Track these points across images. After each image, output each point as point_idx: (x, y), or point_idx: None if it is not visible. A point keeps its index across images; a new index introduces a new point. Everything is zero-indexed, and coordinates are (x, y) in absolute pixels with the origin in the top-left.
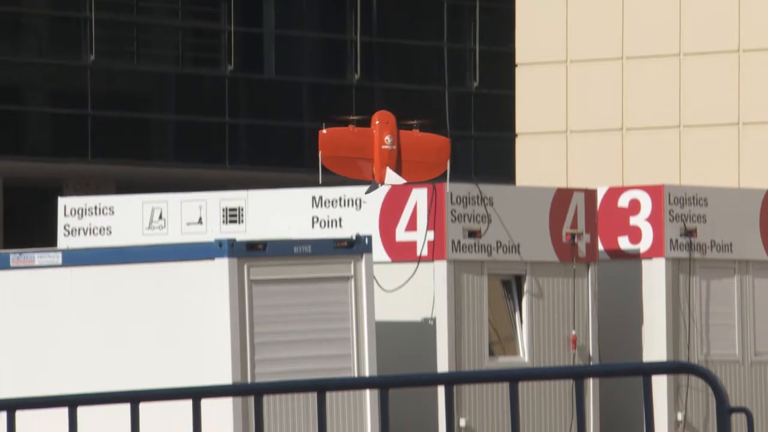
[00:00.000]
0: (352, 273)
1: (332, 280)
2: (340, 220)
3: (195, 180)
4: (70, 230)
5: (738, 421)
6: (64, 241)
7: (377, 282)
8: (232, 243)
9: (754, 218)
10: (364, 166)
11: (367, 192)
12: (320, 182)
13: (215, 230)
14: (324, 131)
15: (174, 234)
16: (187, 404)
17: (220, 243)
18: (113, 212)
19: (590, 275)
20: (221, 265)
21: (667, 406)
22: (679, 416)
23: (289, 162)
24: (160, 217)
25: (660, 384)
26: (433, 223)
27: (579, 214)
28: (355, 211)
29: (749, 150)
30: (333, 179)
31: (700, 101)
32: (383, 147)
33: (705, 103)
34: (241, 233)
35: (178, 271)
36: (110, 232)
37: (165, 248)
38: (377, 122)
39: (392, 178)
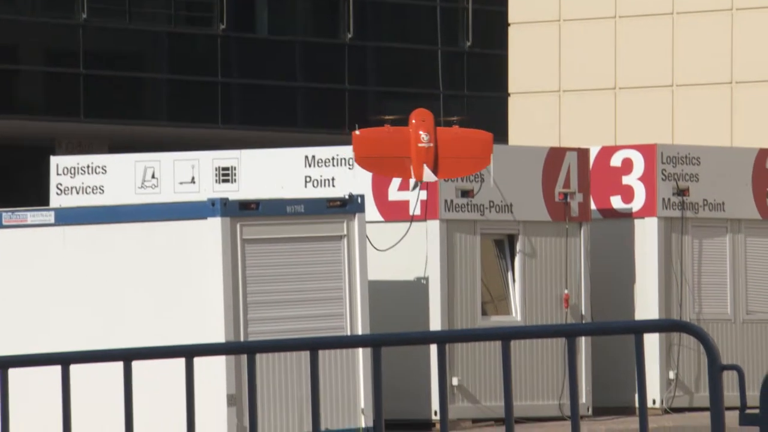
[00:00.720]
0: (345, 232)
1: (325, 239)
2: (332, 179)
3: (188, 139)
4: (62, 189)
5: (729, 379)
6: (56, 200)
7: (370, 241)
8: (224, 202)
9: (746, 177)
10: (401, 165)
11: (412, 189)
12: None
13: (208, 189)
14: (357, 132)
15: (167, 193)
16: (180, 362)
17: (212, 202)
18: (106, 171)
19: (583, 234)
20: (214, 225)
21: (659, 364)
22: (671, 374)
23: (282, 121)
24: (153, 176)
25: (652, 342)
26: (426, 182)
27: (572, 173)
28: (347, 171)
29: (742, 109)
30: (325, 138)
31: (693, 60)
32: (419, 145)
33: (698, 62)
34: (233, 192)
35: (171, 231)
36: (103, 191)
37: (158, 207)
38: (413, 120)
39: (428, 175)
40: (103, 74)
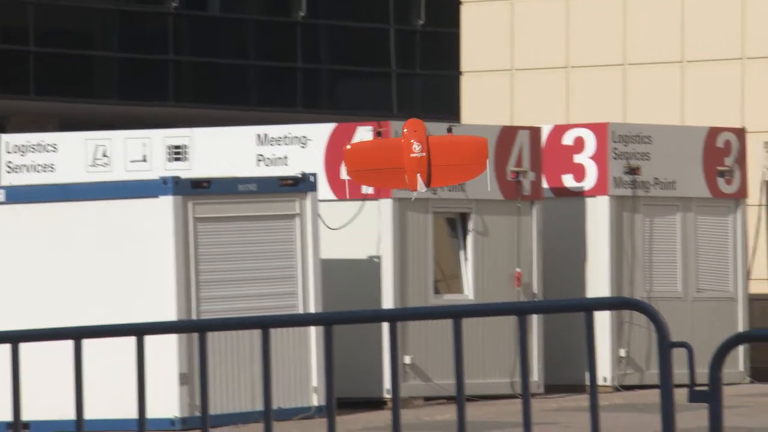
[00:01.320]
0: (298, 211)
1: (277, 218)
2: (285, 157)
3: (139, 117)
4: (12, 167)
5: (679, 356)
6: (6, 179)
7: (322, 220)
8: (176, 181)
9: (697, 156)
10: (395, 176)
11: (414, 200)
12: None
13: (159, 168)
14: (348, 147)
15: (118, 172)
16: (132, 341)
17: (164, 181)
18: (56, 149)
19: (535, 213)
20: (165, 203)
21: (610, 342)
22: (622, 352)
23: (234, 100)
24: (104, 154)
25: (603, 320)
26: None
27: (524, 152)
28: (300, 149)
29: (693, 87)
30: (278, 117)
31: (644, 39)
32: (412, 155)
33: (648, 41)
34: (185, 171)
35: (122, 209)
36: (53, 170)
37: (109, 186)
38: (405, 131)
39: (421, 185)
40: (54, 52)
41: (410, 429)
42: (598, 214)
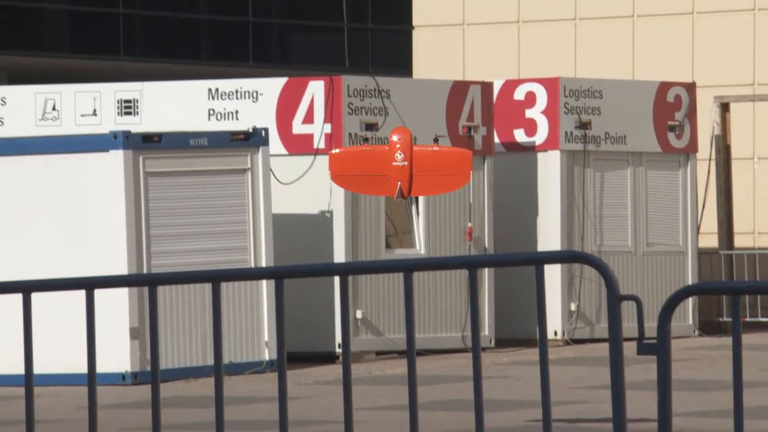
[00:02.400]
0: (249, 165)
1: (229, 172)
2: (236, 112)
3: (89, 71)
4: None
5: (629, 310)
6: None
7: (274, 175)
8: (127, 135)
9: (647, 111)
10: (378, 183)
11: (396, 199)
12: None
13: (110, 122)
14: (334, 152)
15: (68, 126)
16: (82, 295)
17: (114, 135)
18: (5, 103)
19: (486, 168)
20: (116, 158)
21: (560, 296)
22: (573, 306)
23: (186, 54)
24: (54, 108)
25: (554, 275)
26: (330, 115)
27: (475, 107)
28: (251, 104)
29: (643, 42)
30: (229, 71)
31: None
32: (394, 163)
33: None
34: (136, 125)
35: (73, 163)
36: (2, 123)
37: (59, 140)
38: (392, 139)
39: (397, 194)
40: (3, 4)
41: (362, 383)
42: (549, 168)
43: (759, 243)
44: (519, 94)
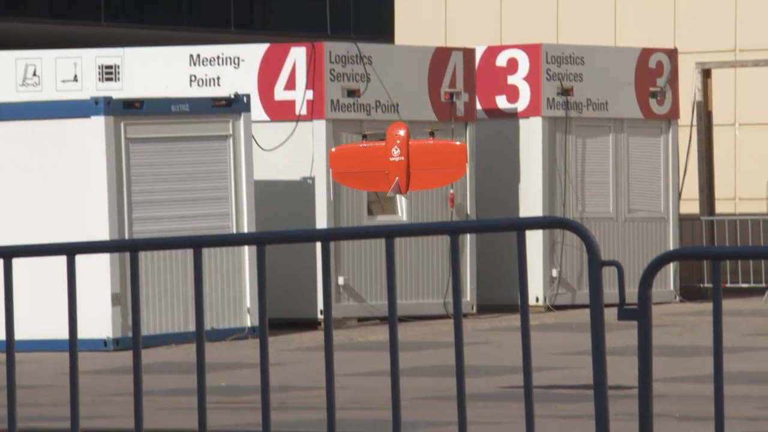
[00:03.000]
0: (231, 132)
1: (210, 138)
2: (218, 78)
3: (70, 37)
4: None
5: (610, 276)
6: None
7: (256, 141)
8: (108, 101)
9: (629, 77)
10: (378, 179)
11: (390, 193)
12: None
13: (91, 88)
14: (333, 149)
15: (48, 92)
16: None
17: (96, 101)
18: None
19: (468, 134)
20: (97, 124)
21: (542, 262)
22: (554, 272)
23: (167, 20)
24: (34, 74)
25: (536, 241)
26: (312, 82)
27: (457, 73)
28: (233, 70)
29: (625, 8)
30: (210, 37)
31: None
32: (391, 159)
33: None
34: (117, 91)
35: (54, 129)
36: None
37: (40, 106)
38: (390, 134)
39: (393, 188)
40: None
41: (343, 350)
42: (531, 135)
43: (740, 209)
44: (501, 60)
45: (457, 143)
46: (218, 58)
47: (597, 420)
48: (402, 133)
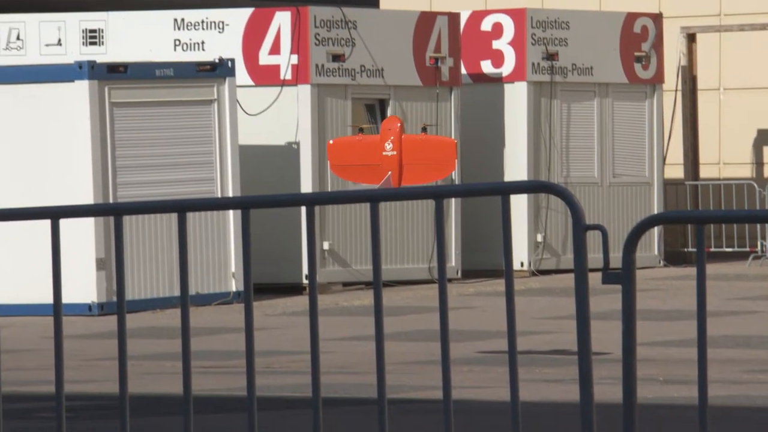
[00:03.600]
0: (215, 96)
1: (195, 103)
2: (202, 43)
3: (54, 0)
4: None
5: (594, 241)
6: None
7: (240, 106)
8: (92, 65)
9: (614, 42)
10: (373, 172)
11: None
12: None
13: (75, 52)
14: (331, 142)
15: (32, 55)
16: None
17: (80, 65)
18: None
19: (453, 99)
20: (81, 88)
21: (527, 227)
22: (539, 237)
23: None
24: (18, 37)
25: (520, 206)
26: (297, 46)
27: (442, 38)
28: (217, 34)
29: None
30: (195, 1)
31: None
32: (384, 153)
33: None
34: (101, 55)
35: (37, 93)
36: None
37: (24, 70)
38: (384, 128)
39: (386, 182)
40: None
41: (328, 314)
42: (516, 100)
43: (724, 174)
44: (486, 25)
45: (448, 139)
46: (203, 22)
47: (581, 384)
48: (395, 127)
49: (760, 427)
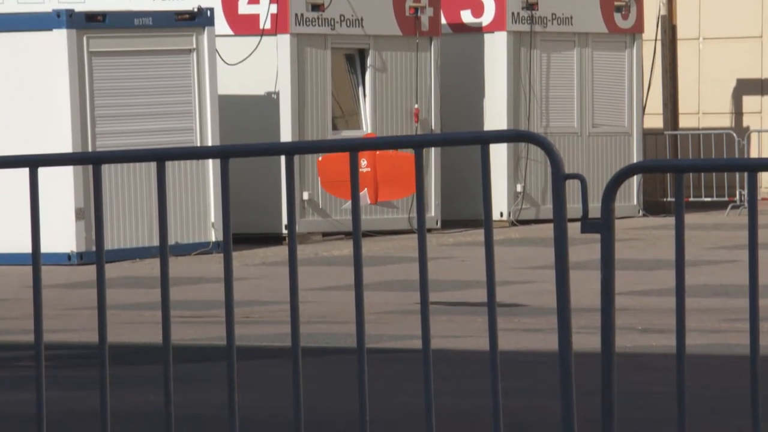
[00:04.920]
0: (195, 46)
1: (174, 53)
2: None
3: None
4: None
5: (574, 191)
6: None
7: (219, 55)
8: (70, 13)
9: None
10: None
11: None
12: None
13: (53, 1)
14: (320, 158)
15: (9, 3)
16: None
17: (57, 13)
18: None
19: (433, 49)
20: (59, 37)
21: (506, 177)
22: (519, 187)
23: None
24: None
25: (500, 156)
26: None
27: None
28: None
29: None
30: None
31: None
32: (361, 170)
33: None
34: (79, 4)
35: (15, 42)
36: None
37: (0, 18)
38: None
39: (363, 198)
40: None
41: (308, 264)
42: (496, 49)
43: (704, 123)
44: None
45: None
46: None
47: (560, 333)
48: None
49: (737, 375)
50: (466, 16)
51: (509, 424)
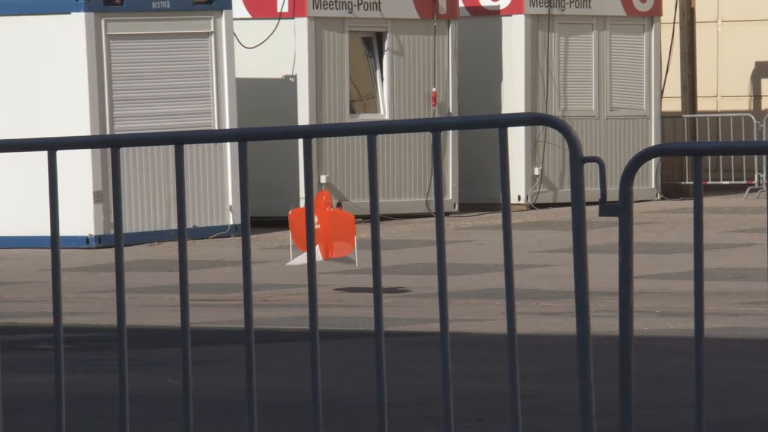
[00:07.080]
0: (212, 29)
1: (192, 36)
2: None
3: None
4: None
5: (592, 174)
6: None
7: (237, 38)
8: None
9: None
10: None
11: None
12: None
13: None
14: (290, 212)
15: None
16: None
17: None
18: None
19: (451, 32)
20: (77, 20)
21: (524, 160)
22: (536, 171)
23: None
24: None
25: (518, 139)
26: None
27: None
28: None
29: None
30: None
31: None
32: (316, 227)
33: None
34: None
35: (34, 25)
36: None
37: (19, 1)
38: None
39: (318, 256)
40: None
41: None
42: (513, 33)
43: (722, 106)
44: None
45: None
46: None
47: (578, 316)
48: (321, 201)
49: (755, 358)
50: None
51: (527, 407)
